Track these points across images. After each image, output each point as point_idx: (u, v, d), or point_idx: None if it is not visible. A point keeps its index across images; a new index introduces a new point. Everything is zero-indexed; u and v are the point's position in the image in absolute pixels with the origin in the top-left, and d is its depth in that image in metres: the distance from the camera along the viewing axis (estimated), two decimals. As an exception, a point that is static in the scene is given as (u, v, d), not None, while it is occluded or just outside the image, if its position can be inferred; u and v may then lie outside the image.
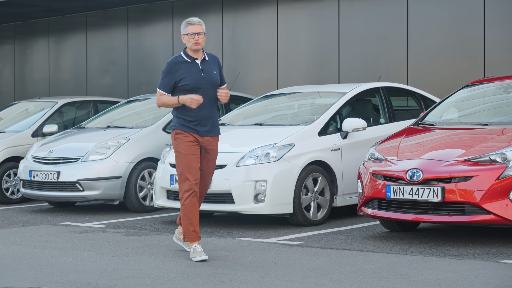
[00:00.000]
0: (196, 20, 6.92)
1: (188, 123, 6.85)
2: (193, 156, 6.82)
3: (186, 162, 6.80)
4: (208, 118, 6.90)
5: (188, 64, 6.85)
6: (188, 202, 6.78)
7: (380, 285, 5.69)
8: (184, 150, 6.82)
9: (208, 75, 6.87)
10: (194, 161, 6.82)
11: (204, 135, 6.89)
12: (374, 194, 7.65)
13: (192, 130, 6.85)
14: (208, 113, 6.90)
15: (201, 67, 6.87)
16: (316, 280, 5.90)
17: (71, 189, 10.20)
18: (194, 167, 6.81)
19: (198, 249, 6.78)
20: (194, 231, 6.82)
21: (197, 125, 6.85)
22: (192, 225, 6.81)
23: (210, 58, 6.99)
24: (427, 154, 7.47)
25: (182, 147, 6.83)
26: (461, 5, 12.95)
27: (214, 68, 6.96)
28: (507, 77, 8.96)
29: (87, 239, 8.16)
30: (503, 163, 7.09)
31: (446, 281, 5.78)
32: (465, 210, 7.13)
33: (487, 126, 7.95)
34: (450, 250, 7.10)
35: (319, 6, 14.65)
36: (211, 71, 6.92)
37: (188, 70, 6.83)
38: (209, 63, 6.94)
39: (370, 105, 10.33)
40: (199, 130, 6.86)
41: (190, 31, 6.85)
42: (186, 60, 6.88)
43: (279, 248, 7.40)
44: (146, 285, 5.81)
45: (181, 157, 6.82)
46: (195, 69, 6.84)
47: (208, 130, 6.90)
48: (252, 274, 6.16)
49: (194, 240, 6.84)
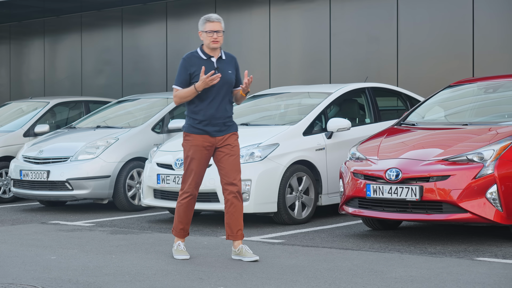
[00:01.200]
0: (215, 17, 6.74)
1: (198, 124, 6.70)
2: (199, 161, 6.72)
3: (191, 166, 6.73)
4: (219, 118, 6.71)
5: (203, 61, 6.70)
6: (184, 202, 6.81)
7: (354, 281, 5.82)
8: (191, 154, 6.72)
9: (222, 74, 6.69)
10: (199, 166, 6.73)
11: (215, 135, 6.72)
12: (355, 193, 7.77)
13: (202, 131, 6.70)
14: (219, 113, 6.71)
15: (216, 65, 6.72)
16: (292, 277, 6.02)
17: (61, 188, 10.33)
18: (198, 172, 6.74)
19: (181, 247, 6.88)
20: (182, 229, 6.88)
21: (207, 125, 6.69)
22: (182, 223, 6.86)
23: (227, 58, 6.84)
24: (406, 153, 7.60)
25: (190, 150, 6.73)
26: (450, 6, 13.06)
27: (229, 68, 6.79)
28: (488, 77, 9.09)
29: (73, 238, 8.28)
30: (480, 162, 7.21)
31: (419, 278, 5.91)
32: (442, 209, 7.26)
33: (466, 126, 8.07)
34: (428, 248, 7.23)
35: (310, 7, 14.77)
36: (226, 70, 6.75)
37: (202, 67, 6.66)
38: (225, 62, 6.79)
39: (356, 105, 10.45)
40: (209, 130, 6.70)
41: (209, 28, 6.68)
42: (202, 57, 6.73)
43: (261, 246, 7.53)
44: (125, 281, 5.94)
45: (187, 160, 6.76)
46: (210, 67, 6.68)
47: (220, 130, 6.73)
48: (230, 271, 6.29)
49: (180, 237, 6.91)
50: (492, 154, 7.24)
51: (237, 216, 6.77)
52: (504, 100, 8.65)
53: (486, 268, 6.23)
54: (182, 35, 16.66)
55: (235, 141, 6.81)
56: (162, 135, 10.95)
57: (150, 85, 16.97)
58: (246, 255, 6.73)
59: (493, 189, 7.12)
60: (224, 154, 6.74)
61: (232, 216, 6.77)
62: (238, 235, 6.80)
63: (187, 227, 6.90)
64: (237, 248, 6.79)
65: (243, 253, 6.75)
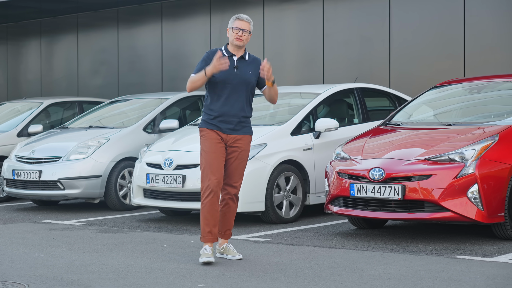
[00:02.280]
0: (245, 17, 6.71)
1: (212, 119, 6.66)
2: (215, 154, 6.62)
3: (207, 160, 6.62)
4: (234, 116, 6.65)
5: (224, 59, 6.60)
6: (208, 201, 6.60)
7: (333, 279, 5.93)
8: (206, 148, 6.65)
9: (240, 73, 6.66)
10: (216, 159, 6.62)
11: (227, 133, 6.66)
12: (339, 192, 7.89)
13: (215, 127, 6.65)
14: (234, 111, 6.66)
15: (235, 64, 6.68)
16: (273, 274, 6.13)
17: (53, 187, 10.45)
18: (216, 165, 6.61)
19: (206, 251, 6.60)
20: (209, 232, 6.63)
21: (221, 121, 6.65)
22: (208, 226, 6.62)
23: (250, 59, 6.78)
24: (390, 153, 7.71)
25: (206, 144, 6.67)
26: (442, 6, 13.17)
27: (250, 69, 6.73)
28: (474, 78, 9.20)
29: (63, 236, 8.40)
30: (461, 162, 7.32)
31: (397, 275, 6.02)
32: (424, 208, 7.37)
33: (450, 126, 8.18)
34: (410, 247, 7.33)
35: (304, 8, 14.88)
36: (246, 70, 6.70)
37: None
38: (247, 62, 6.73)
39: (345, 105, 10.56)
40: (222, 127, 6.65)
41: (236, 25, 6.65)
42: (224, 54, 6.69)
43: (246, 244, 7.64)
44: (108, 279, 6.05)
45: (203, 155, 6.67)
46: (229, 64, 6.62)
47: (233, 129, 6.66)
48: (213, 269, 6.40)
49: (208, 242, 6.64)
50: (473, 154, 7.35)
51: (228, 216, 6.81)
52: (488, 100, 8.77)
53: (464, 266, 6.34)
54: (177, 36, 16.78)
55: (246, 145, 6.76)
56: (154, 135, 11.06)
57: (146, 85, 17.09)
58: (230, 253, 6.81)
59: (474, 188, 7.23)
60: (232, 158, 6.71)
61: (224, 216, 6.80)
62: (226, 234, 6.86)
63: (215, 229, 6.64)
64: (221, 247, 6.86)
65: (227, 252, 6.82)
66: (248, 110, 6.79)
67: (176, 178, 9.01)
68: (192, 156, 9.06)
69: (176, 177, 9.01)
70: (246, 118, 6.76)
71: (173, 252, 7.30)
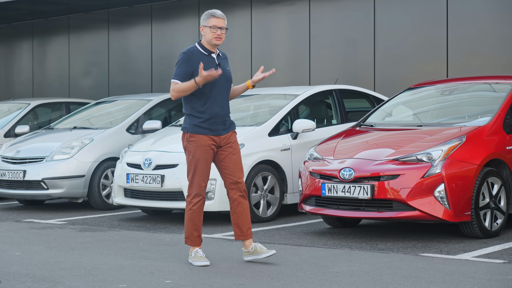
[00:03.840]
0: (220, 14, 6.56)
1: (203, 122, 6.51)
2: (205, 162, 6.53)
3: (199, 168, 6.52)
4: (224, 115, 6.59)
5: (205, 57, 6.54)
6: (196, 208, 6.56)
7: (296, 275, 6.11)
8: (198, 155, 6.51)
9: (223, 70, 6.57)
10: (207, 167, 6.55)
11: (221, 134, 6.57)
12: (312, 192, 8.07)
13: (207, 131, 6.52)
14: (223, 111, 6.59)
15: (217, 62, 6.60)
16: (239, 271, 6.32)
17: (36, 187, 10.64)
18: (206, 173, 6.55)
19: (199, 254, 6.61)
20: (198, 236, 6.62)
21: (213, 124, 6.52)
22: (197, 231, 6.60)
23: (223, 55, 6.74)
24: (360, 153, 7.89)
25: (197, 152, 6.51)
26: (425, 9, 13.35)
27: (227, 65, 6.71)
28: (446, 80, 9.40)
29: (42, 235, 8.58)
30: (428, 162, 7.51)
31: (359, 272, 6.20)
32: (393, 207, 7.55)
33: (421, 127, 8.36)
34: (378, 245, 7.52)
35: (291, 10, 15.07)
36: (225, 66, 6.65)
37: (205, 62, 6.49)
38: (223, 59, 6.69)
39: (324, 106, 10.74)
40: (215, 129, 6.54)
41: (213, 23, 6.49)
42: (203, 52, 6.55)
43: (220, 242, 7.82)
44: (79, 275, 6.23)
45: (193, 162, 6.53)
46: (212, 63, 6.54)
47: (224, 129, 6.59)
48: (182, 266, 6.58)
49: (197, 245, 6.64)
50: (440, 154, 7.53)
51: (245, 215, 6.64)
52: (459, 102, 8.95)
53: (426, 263, 6.52)
54: (167, 37, 16.97)
55: (235, 139, 6.69)
56: (137, 136, 11.24)
57: (136, 86, 17.27)
58: (262, 252, 6.60)
59: (441, 187, 7.41)
60: (227, 153, 6.61)
61: (240, 216, 6.63)
62: (248, 233, 6.65)
63: (201, 232, 6.66)
64: (250, 247, 6.64)
65: (258, 251, 6.61)
66: (229, 107, 6.71)
67: (155, 178, 9.20)
68: (171, 156, 9.26)
69: (155, 177, 9.20)
70: (229, 115, 6.72)
71: (147, 250, 7.48)
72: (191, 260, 6.60)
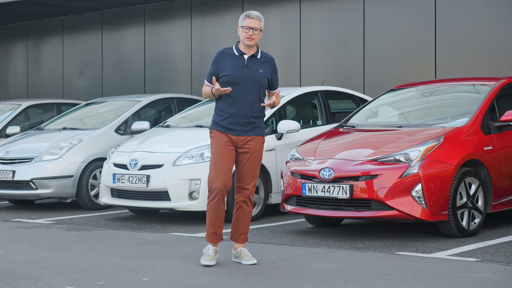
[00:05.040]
0: (255, 15, 6.56)
1: (222, 121, 6.55)
2: (222, 157, 6.51)
3: (215, 163, 6.53)
4: (243, 116, 6.51)
5: (234, 57, 6.55)
6: (213, 204, 6.55)
7: (271, 273, 6.24)
8: (215, 150, 6.55)
9: (251, 71, 6.51)
10: (223, 162, 6.51)
11: (238, 135, 6.54)
12: (293, 191, 8.20)
13: (224, 129, 6.53)
14: (244, 112, 6.51)
15: (246, 63, 6.54)
16: (216, 269, 6.45)
17: (25, 187, 10.78)
18: (223, 168, 6.51)
19: (208, 252, 6.62)
20: (214, 233, 6.61)
21: (230, 123, 6.52)
22: (213, 227, 6.60)
23: (263, 57, 6.62)
24: (340, 154, 8.03)
25: (214, 147, 6.57)
26: (413, 11, 13.50)
27: (262, 67, 6.58)
28: (428, 82, 9.53)
29: (29, 234, 8.71)
30: (406, 162, 7.64)
31: (333, 269, 6.33)
32: (371, 206, 7.69)
33: (401, 128, 8.49)
34: (357, 244, 7.65)
35: (282, 12, 15.23)
36: (257, 69, 6.55)
37: (232, 62, 6.52)
38: (259, 61, 6.58)
39: (310, 107, 10.88)
40: (232, 128, 6.53)
41: (246, 24, 6.52)
42: (234, 53, 6.57)
43: (202, 242, 7.94)
44: (60, 273, 6.36)
45: (212, 158, 6.58)
46: (240, 63, 6.53)
47: (243, 130, 6.53)
48: (161, 264, 6.71)
49: (212, 242, 6.64)
50: (418, 155, 7.66)
51: (243, 219, 6.70)
52: (439, 103, 9.08)
53: (400, 261, 6.65)
54: (159, 39, 17.11)
55: (257, 146, 6.63)
56: (125, 136, 11.37)
57: (129, 87, 17.41)
58: (245, 258, 6.68)
59: (418, 187, 7.54)
60: (244, 160, 6.59)
61: (238, 219, 6.72)
62: (240, 238, 6.73)
63: (219, 230, 6.62)
64: (236, 251, 6.75)
65: (242, 256, 6.70)
66: (259, 110, 6.60)
67: (140, 178, 9.34)
68: (156, 157, 9.40)
69: (141, 177, 9.33)
70: (257, 118, 6.59)
71: (129, 248, 7.61)
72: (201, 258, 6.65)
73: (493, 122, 8.37)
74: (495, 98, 8.56)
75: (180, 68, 16.74)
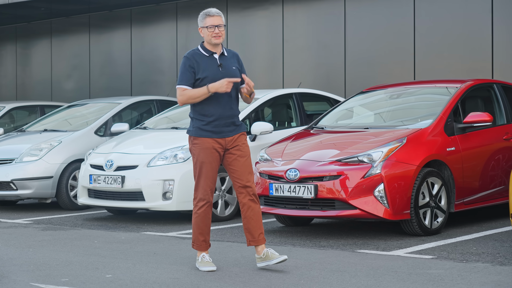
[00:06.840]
0: (215, 11, 6.42)
1: (206, 125, 6.40)
2: (211, 165, 6.41)
3: (204, 171, 6.42)
4: (229, 117, 6.45)
5: (205, 58, 6.43)
6: (201, 212, 6.47)
7: (230, 270, 6.45)
8: (202, 158, 6.41)
9: (226, 70, 6.42)
10: (212, 170, 6.42)
11: (226, 136, 6.44)
12: (261, 191, 8.41)
13: (210, 133, 6.40)
14: (228, 112, 6.45)
15: (219, 62, 6.46)
16: (179, 267, 6.66)
17: (6, 188, 10.99)
18: (211, 176, 6.43)
19: (206, 259, 6.53)
20: (204, 241, 6.53)
21: (217, 125, 6.40)
22: (202, 235, 6.51)
23: (229, 54, 6.54)
24: (306, 155, 8.24)
25: (201, 155, 6.41)
26: (393, 15, 13.74)
27: (233, 64, 6.50)
28: (397, 84, 9.74)
29: (5, 233, 8.92)
30: (369, 163, 7.86)
31: (291, 266, 6.53)
32: (335, 206, 7.90)
33: (368, 129, 8.71)
34: (321, 242, 7.86)
35: (265, 14, 15.46)
36: (230, 66, 6.47)
37: (206, 64, 6.40)
38: (228, 58, 6.50)
39: (285, 109, 11.10)
40: (219, 131, 6.41)
41: (209, 23, 6.36)
42: (204, 54, 6.44)
43: (172, 240, 8.16)
44: (28, 271, 6.58)
45: (197, 165, 6.44)
46: (213, 63, 6.43)
47: (230, 130, 6.45)
48: (127, 262, 6.93)
49: (203, 250, 6.56)
50: (380, 156, 7.87)
51: (256, 219, 6.47)
52: (405, 106, 9.29)
53: (358, 259, 6.86)
54: (146, 41, 17.34)
55: (244, 141, 6.54)
56: (105, 138, 11.58)
57: (116, 89, 17.63)
58: (273, 257, 6.42)
59: (380, 187, 7.76)
60: (236, 156, 6.47)
61: (251, 221, 6.47)
62: (260, 239, 6.48)
63: (208, 237, 6.54)
64: (262, 253, 6.46)
65: (270, 257, 6.43)
66: (237, 108, 6.56)
67: (116, 178, 9.55)
68: (131, 158, 9.62)
69: (116, 177, 9.55)
70: (237, 117, 6.57)
71: (100, 247, 7.82)
72: (197, 265, 6.52)
73: (457, 123, 8.58)
74: (459, 100, 8.77)
75: (166, 70, 16.97)
